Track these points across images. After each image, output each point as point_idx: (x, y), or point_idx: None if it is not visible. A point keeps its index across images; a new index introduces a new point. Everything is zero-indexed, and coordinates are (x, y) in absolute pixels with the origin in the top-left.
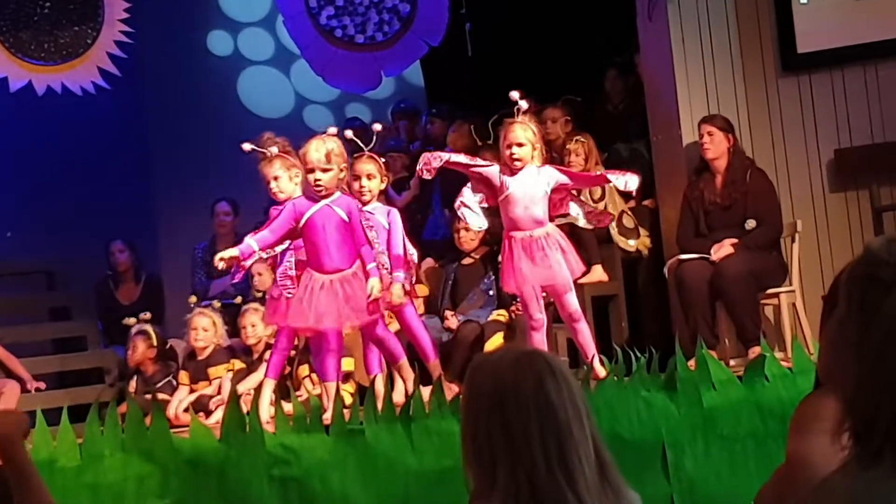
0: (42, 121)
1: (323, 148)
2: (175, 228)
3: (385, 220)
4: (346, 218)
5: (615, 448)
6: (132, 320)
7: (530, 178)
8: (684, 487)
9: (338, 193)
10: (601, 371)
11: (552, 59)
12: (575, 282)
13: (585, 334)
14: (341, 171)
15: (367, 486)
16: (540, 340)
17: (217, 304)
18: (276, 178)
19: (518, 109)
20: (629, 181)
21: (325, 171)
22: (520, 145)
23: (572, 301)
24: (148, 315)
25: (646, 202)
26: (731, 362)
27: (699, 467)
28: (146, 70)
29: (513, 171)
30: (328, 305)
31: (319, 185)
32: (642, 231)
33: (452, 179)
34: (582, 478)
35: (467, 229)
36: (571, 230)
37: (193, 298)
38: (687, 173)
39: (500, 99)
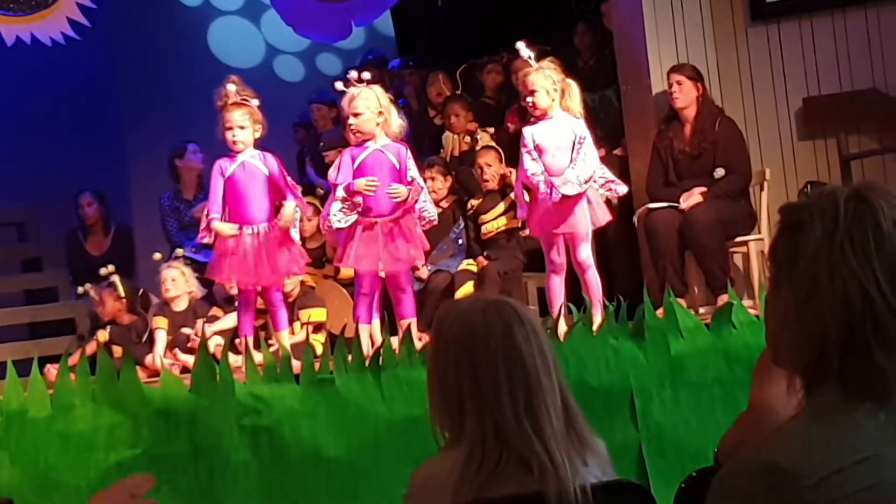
0: (11, 72)
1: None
2: (146, 179)
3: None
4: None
5: (584, 396)
6: (104, 271)
7: (553, 126)
8: (652, 434)
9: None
10: (598, 319)
11: (521, 9)
12: (597, 230)
13: (591, 284)
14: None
15: (337, 435)
16: (558, 283)
17: (180, 252)
18: (241, 128)
19: (529, 58)
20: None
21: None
22: (533, 93)
23: (585, 250)
24: (111, 268)
25: (615, 151)
26: (700, 310)
27: (667, 414)
28: (116, 21)
29: (537, 119)
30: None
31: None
32: None
33: (422, 132)
34: (549, 426)
35: (437, 178)
36: None
37: (158, 255)
38: (656, 122)
39: (469, 48)
